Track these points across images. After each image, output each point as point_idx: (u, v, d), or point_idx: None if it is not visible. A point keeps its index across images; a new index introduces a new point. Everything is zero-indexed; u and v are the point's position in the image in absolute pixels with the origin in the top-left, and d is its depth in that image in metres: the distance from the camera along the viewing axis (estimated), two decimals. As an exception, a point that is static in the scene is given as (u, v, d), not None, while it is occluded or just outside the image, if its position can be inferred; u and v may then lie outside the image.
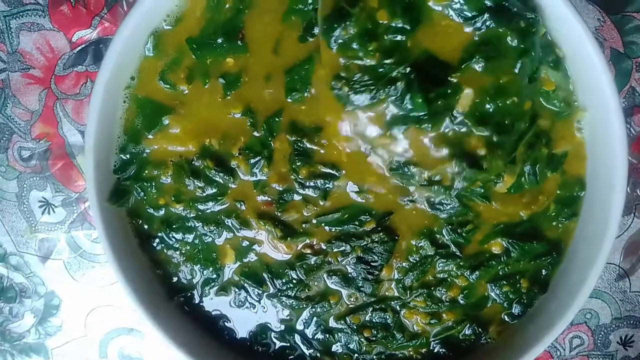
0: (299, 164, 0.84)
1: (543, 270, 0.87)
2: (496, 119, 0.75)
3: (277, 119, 0.84)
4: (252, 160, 0.85)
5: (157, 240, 0.88)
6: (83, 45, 0.98)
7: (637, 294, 1.00)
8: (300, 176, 0.84)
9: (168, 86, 0.84)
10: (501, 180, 0.82)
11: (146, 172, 0.86)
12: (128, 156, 0.85)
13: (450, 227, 0.85)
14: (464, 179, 0.77)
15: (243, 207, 0.86)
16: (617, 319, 1.01)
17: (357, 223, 0.86)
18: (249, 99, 0.83)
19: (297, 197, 0.86)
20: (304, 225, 0.86)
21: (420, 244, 0.86)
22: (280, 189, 0.86)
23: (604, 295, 1.00)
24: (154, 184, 0.86)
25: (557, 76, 0.81)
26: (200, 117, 0.84)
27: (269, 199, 0.86)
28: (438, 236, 0.86)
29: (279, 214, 0.86)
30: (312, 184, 0.85)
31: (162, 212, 0.87)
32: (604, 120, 0.78)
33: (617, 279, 1.00)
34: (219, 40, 0.82)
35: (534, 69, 0.77)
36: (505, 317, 0.88)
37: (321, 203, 0.86)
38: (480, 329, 0.88)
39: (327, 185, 0.85)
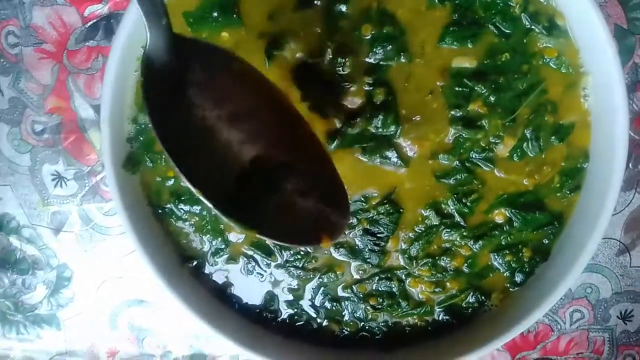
0: None
1: (545, 240, 0.88)
2: (492, 77, 0.81)
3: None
4: None
5: (166, 210, 0.90)
6: (95, 20, 0.98)
7: (637, 269, 1.01)
8: None
9: None
10: (501, 141, 0.84)
11: (156, 144, 0.87)
12: (140, 126, 0.87)
13: (455, 196, 0.86)
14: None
15: None
16: (617, 294, 1.01)
17: (363, 199, 0.87)
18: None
19: None
20: None
21: (426, 214, 0.87)
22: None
23: (604, 270, 1.01)
24: (162, 156, 0.87)
25: (557, 42, 0.83)
26: None
27: None
28: (443, 206, 0.87)
29: None
30: None
31: (170, 183, 0.88)
32: (607, 83, 0.79)
33: (618, 254, 1.00)
34: (215, 14, 0.83)
35: (522, 31, 0.82)
36: (507, 284, 0.89)
37: None
38: (483, 297, 0.89)
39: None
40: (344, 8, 0.83)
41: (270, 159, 0.74)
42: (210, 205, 0.70)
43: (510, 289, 0.90)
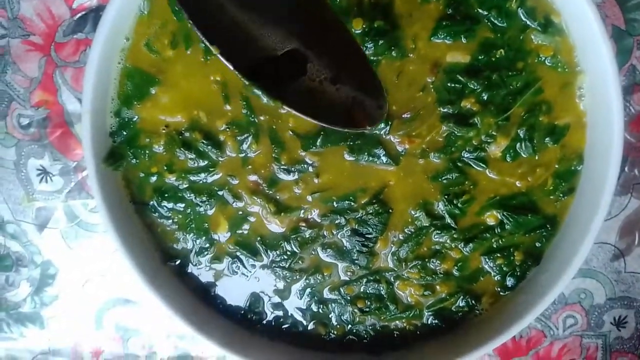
0: (278, 150, 0.85)
1: (537, 243, 0.87)
2: (485, 73, 0.80)
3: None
4: (240, 137, 0.85)
5: (149, 207, 0.89)
6: (83, 12, 0.97)
7: (632, 275, 1.00)
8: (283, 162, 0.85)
9: (154, 54, 0.84)
10: (494, 141, 0.83)
11: (139, 139, 0.86)
12: (122, 120, 0.86)
13: (447, 197, 0.85)
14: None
15: (235, 182, 0.87)
16: (611, 300, 1.01)
17: (351, 199, 0.86)
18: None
19: (287, 178, 0.86)
20: (297, 200, 0.87)
21: (416, 215, 0.86)
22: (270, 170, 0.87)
23: (598, 275, 1.00)
24: (146, 152, 0.87)
25: (552, 40, 0.82)
26: (186, 86, 0.85)
27: (258, 181, 0.86)
28: (434, 207, 0.86)
29: (270, 193, 0.87)
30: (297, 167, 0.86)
31: (154, 179, 0.88)
32: (602, 82, 0.78)
33: (612, 259, 0.99)
34: None
35: (518, 27, 0.82)
36: (498, 288, 0.89)
37: (314, 181, 0.86)
38: (473, 301, 0.88)
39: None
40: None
41: (298, 48, 0.75)
42: (230, 66, 0.72)
43: (501, 293, 0.89)
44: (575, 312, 1.01)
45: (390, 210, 0.86)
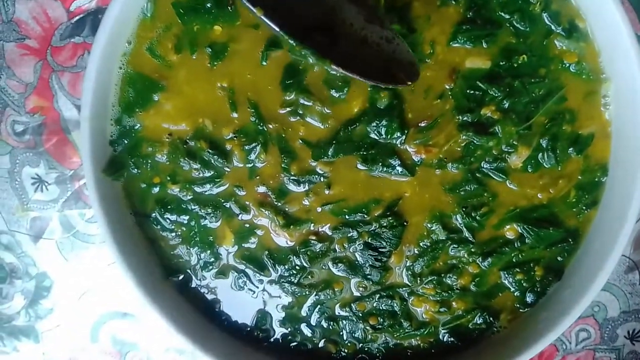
0: (288, 160, 0.84)
1: (558, 257, 0.86)
2: (506, 80, 0.81)
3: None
4: (247, 147, 0.84)
5: (151, 219, 0.87)
6: (81, 15, 0.95)
7: None
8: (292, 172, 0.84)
9: (157, 59, 0.83)
10: (515, 151, 0.82)
11: (141, 148, 0.85)
12: (124, 128, 0.85)
13: (464, 209, 0.84)
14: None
15: (242, 193, 0.86)
16: (625, 313, 1.00)
17: (364, 211, 0.85)
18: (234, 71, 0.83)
19: (297, 189, 0.85)
20: (307, 212, 0.86)
21: (432, 228, 0.85)
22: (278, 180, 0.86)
23: (612, 287, 0.99)
24: (149, 161, 0.85)
25: (577, 46, 0.81)
26: (191, 92, 0.84)
27: (266, 192, 0.85)
28: (451, 220, 0.85)
29: (279, 205, 0.85)
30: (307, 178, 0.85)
31: (156, 190, 0.86)
32: (629, 89, 0.78)
33: (627, 271, 0.98)
34: (208, 5, 0.82)
35: (541, 32, 0.82)
36: (517, 305, 0.87)
37: (325, 192, 0.85)
38: (491, 318, 0.87)
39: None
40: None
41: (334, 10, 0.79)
42: (277, 28, 0.75)
43: (520, 310, 0.87)
44: (589, 325, 1.00)
45: (405, 223, 0.85)
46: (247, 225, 0.86)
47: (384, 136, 0.82)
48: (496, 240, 0.85)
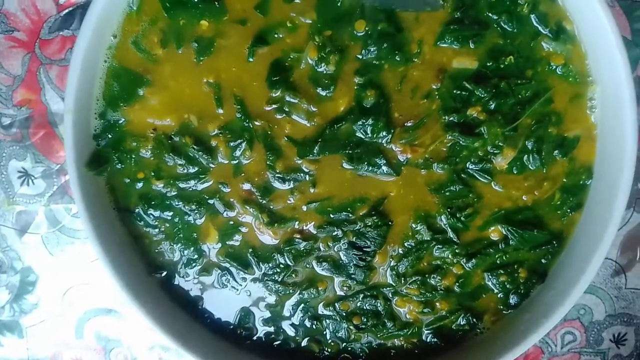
0: (273, 157, 0.83)
1: (542, 260, 0.86)
2: (493, 81, 0.81)
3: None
4: (233, 143, 0.84)
5: (134, 215, 0.87)
6: (70, 8, 0.95)
7: (633, 291, 0.99)
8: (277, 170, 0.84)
9: (143, 53, 0.83)
10: (500, 152, 0.82)
11: (125, 143, 0.85)
12: (107, 122, 0.84)
13: (449, 210, 0.84)
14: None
15: (227, 190, 0.85)
16: (611, 316, 1.00)
17: (349, 210, 0.85)
18: (220, 66, 0.83)
19: (282, 187, 0.85)
20: (292, 210, 0.85)
21: (417, 228, 0.85)
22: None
23: (598, 291, 0.99)
24: (133, 156, 0.85)
25: (564, 48, 0.81)
26: (176, 87, 0.83)
27: (251, 189, 0.85)
28: (435, 220, 0.85)
29: (264, 202, 0.85)
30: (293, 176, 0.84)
31: (140, 186, 0.86)
32: (615, 93, 0.78)
33: (613, 275, 0.98)
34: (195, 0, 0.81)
35: (529, 33, 0.81)
36: (501, 306, 0.87)
37: (310, 190, 0.84)
38: (474, 319, 0.87)
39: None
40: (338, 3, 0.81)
41: None
42: None
43: (504, 312, 0.88)
44: (574, 328, 1.00)
45: (390, 223, 0.85)
46: (232, 223, 0.86)
47: (369, 135, 0.82)
48: (481, 241, 0.85)
